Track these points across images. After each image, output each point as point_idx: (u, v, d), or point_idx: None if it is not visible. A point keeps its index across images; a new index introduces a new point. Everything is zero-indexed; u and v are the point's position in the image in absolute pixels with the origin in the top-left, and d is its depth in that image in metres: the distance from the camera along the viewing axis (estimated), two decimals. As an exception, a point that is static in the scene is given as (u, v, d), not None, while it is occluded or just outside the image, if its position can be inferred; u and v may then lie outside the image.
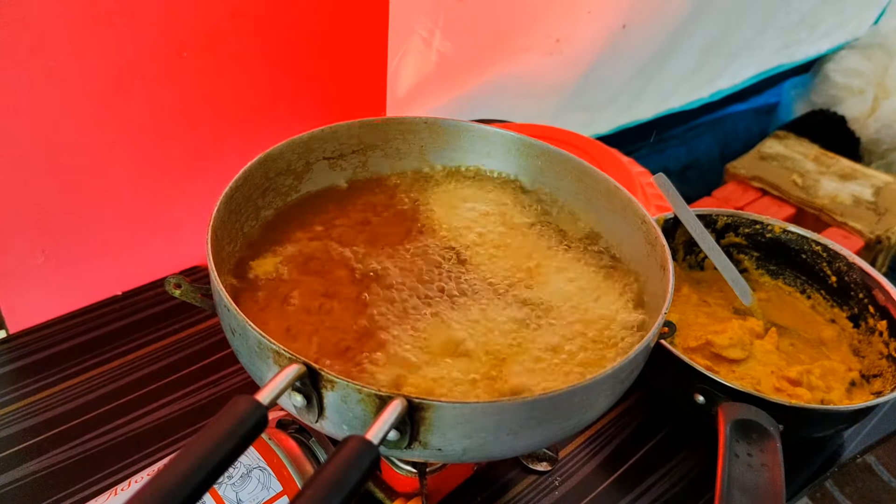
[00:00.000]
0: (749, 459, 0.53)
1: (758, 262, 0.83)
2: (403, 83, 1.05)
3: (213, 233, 0.48)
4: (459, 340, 0.50)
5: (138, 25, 0.67)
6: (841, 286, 0.78)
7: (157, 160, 0.76)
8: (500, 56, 1.17)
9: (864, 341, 0.74)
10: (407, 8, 0.96)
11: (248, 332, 0.42)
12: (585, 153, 0.87)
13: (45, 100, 0.65)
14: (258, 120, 0.81)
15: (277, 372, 0.38)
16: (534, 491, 0.63)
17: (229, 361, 0.72)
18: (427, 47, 1.04)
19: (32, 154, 0.67)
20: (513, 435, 0.42)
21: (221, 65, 0.75)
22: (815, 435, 0.68)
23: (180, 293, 0.49)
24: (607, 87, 1.35)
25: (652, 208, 0.88)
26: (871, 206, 1.04)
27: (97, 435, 0.64)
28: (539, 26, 1.18)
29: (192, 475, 0.31)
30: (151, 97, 0.71)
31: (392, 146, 0.65)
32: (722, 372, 0.70)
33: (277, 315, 0.51)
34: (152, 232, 0.80)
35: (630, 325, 0.53)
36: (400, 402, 0.38)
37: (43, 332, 0.75)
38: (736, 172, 1.12)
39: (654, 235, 0.55)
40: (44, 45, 0.62)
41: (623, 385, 0.47)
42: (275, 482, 0.52)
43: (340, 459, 0.33)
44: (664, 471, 0.66)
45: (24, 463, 0.62)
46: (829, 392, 0.69)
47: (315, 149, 0.61)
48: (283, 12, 0.76)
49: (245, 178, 0.55)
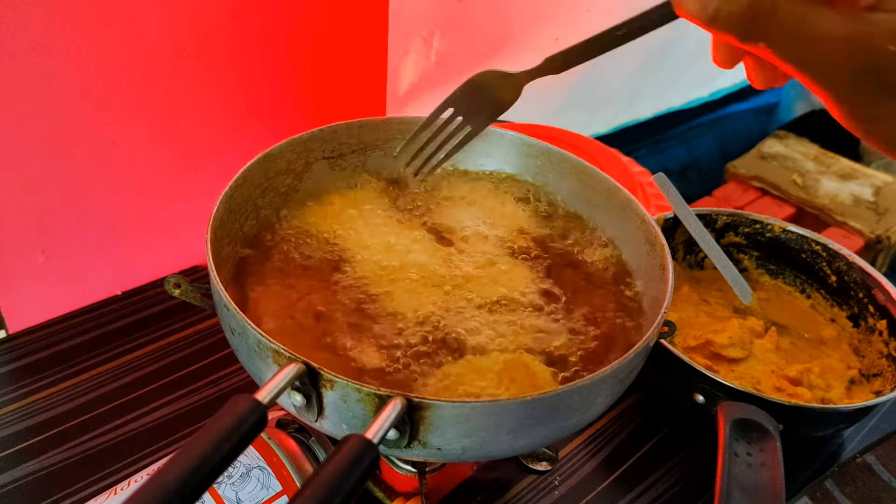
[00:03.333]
0: (749, 459, 0.53)
1: (758, 261, 0.83)
2: (403, 83, 1.05)
3: (212, 233, 0.48)
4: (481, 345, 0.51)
5: (138, 25, 0.67)
6: (841, 286, 0.78)
7: (156, 160, 0.76)
8: (500, 56, 1.17)
9: (864, 341, 0.74)
10: (407, 8, 0.96)
11: (248, 331, 0.42)
12: (585, 153, 0.87)
13: (46, 100, 0.65)
14: (258, 120, 0.81)
15: (277, 371, 0.38)
16: (533, 490, 0.63)
17: (229, 361, 0.72)
18: (427, 47, 1.04)
19: (32, 154, 0.67)
20: (512, 434, 0.42)
21: (221, 65, 0.75)
22: (815, 434, 0.68)
23: (180, 293, 0.49)
24: (607, 86, 1.35)
25: (652, 208, 0.88)
26: (871, 206, 1.04)
27: (97, 435, 0.64)
28: (539, 26, 1.18)
29: (191, 474, 0.31)
30: (151, 97, 0.71)
31: (392, 146, 0.65)
32: (722, 371, 0.70)
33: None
34: (152, 232, 0.80)
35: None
36: (399, 402, 0.38)
37: (43, 332, 0.75)
38: (736, 172, 1.12)
39: (653, 235, 0.55)
40: (44, 44, 0.62)
41: (623, 384, 0.47)
42: (274, 482, 0.52)
43: (340, 459, 0.33)
44: (664, 470, 0.66)
45: (24, 463, 0.62)
46: (829, 391, 0.69)
47: (315, 148, 0.61)
48: (283, 12, 0.76)
49: (245, 178, 0.55)
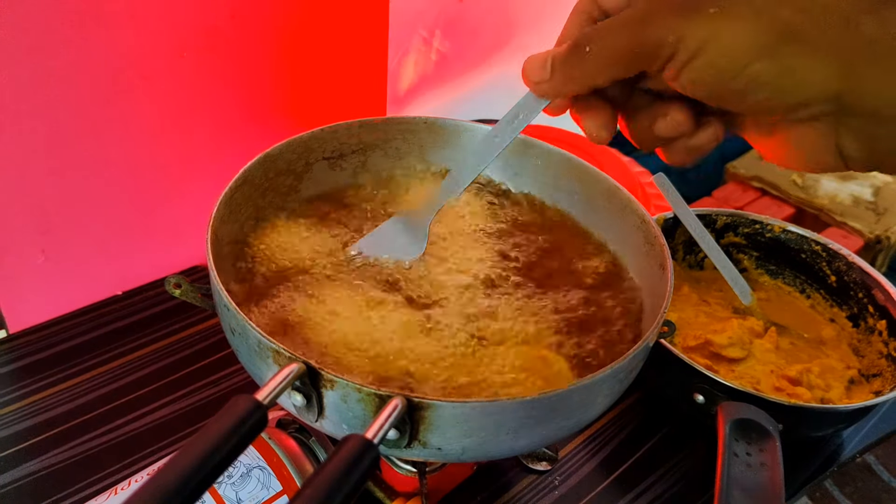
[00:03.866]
0: (748, 459, 0.53)
1: (757, 261, 0.83)
2: (403, 83, 1.05)
3: (212, 233, 0.48)
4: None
5: (138, 25, 0.67)
6: (840, 286, 0.78)
7: (156, 160, 0.76)
8: (501, 56, 1.17)
9: (864, 341, 0.75)
10: (407, 7, 0.96)
11: (248, 331, 0.42)
12: (585, 153, 0.87)
13: (45, 99, 0.65)
14: (258, 120, 0.81)
15: (277, 371, 0.38)
16: (533, 490, 0.63)
17: (229, 361, 0.72)
18: (427, 47, 1.04)
19: (32, 154, 0.67)
20: (512, 434, 0.42)
21: (221, 65, 0.75)
22: (815, 434, 0.68)
23: (180, 293, 0.49)
24: (607, 86, 1.35)
25: (652, 208, 0.88)
26: (871, 206, 1.04)
27: (97, 435, 0.65)
28: (539, 25, 1.18)
29: (191, 474, 0.31)
30: (151, 97, 0.71)
31: (392, 146, 0.65)
32: (721, 371, 0.70)
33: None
34: (152, 232, 0.80)
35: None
36: (399, 402, 0.38)
37: (43, 332, 0.75)
38: (736, 172, 1.12)
39: (653, 235, 0.55)
40: (44, 44, 0.62)
41: (622, 384, 0.47)
42: (274, 482, 0.52)
43: (340, 459, 0.33)
44: (664, 470, 0.66)
45: (24, 463, 0.62)
46: (829, 391, 0.69)
47: (315, 149, 0.61)
48: (283, 12, 0.76)
49: (245, 178, 0.55)
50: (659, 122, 0.42)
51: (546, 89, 0.44)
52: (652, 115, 0.43)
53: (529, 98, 0.47)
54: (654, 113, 0.43)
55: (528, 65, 0.44)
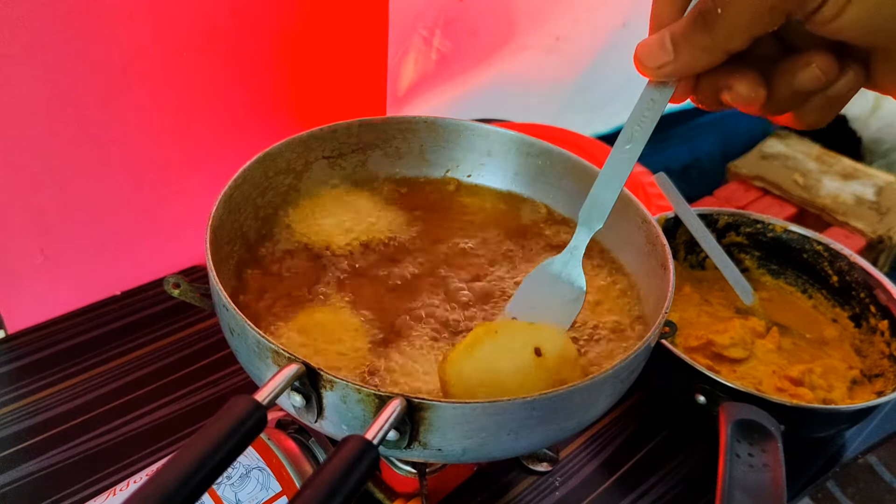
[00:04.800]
0: (750, 460, 0.53)
1: (759, 261, 0.83)
2: (403, 82, 1.05)
3: (211, 232, 0.48)
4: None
5: (138, 25, 0.67)
6: (842, 286, 0.78)
7: (156, 160, 0.75)
8: (500, 55, 1.16)
9: (866, 341, 0.74)
10: (407, 7, 0.96)
11: (247, 331, 0.41)
12: (586, 153, 0.87)
13: (44, 99, 0.65)
14: (257, 119, 0.81)
15: (276, 372, 0.38)
16: (534, 491, 0.63)
17: (229, 361, 0.72)
18: (427, 46, 1.04)
19: (31, 154, 0.67)
20: (513, 435, 0.41)
21: (221, 64, 0.74)
22: (817, 435, 0.68)
23: (179, 293, 0.48)
24: (608, 85, 1.34)
25: (653, 208, 0.88)
26: (873, 206, 1.04)
27: (96, 435, 0.64)
28: (539, 24, 1.18)
29: (190, 475, 0.31)
30: (150, 97, 0.71)
31: (392, 145, 0.65)
32: (723, 372, 0.70)
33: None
34: (151, 232, 0.79)
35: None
36: (399, 402, 0.38)
37: (42, 332, 0.74)
38: (737, 172, 1.12)
39: (654, 235, 0.54)
40: (42, 44, 0.62)
41: (624, 385, 0.47)
42: (274, 482, 0.52)
43: (340, 460, 0.33)
44: (665, 471, 0.66)
45: (23, 463, 0.61)
46: (831, 392, 0.68)
47: (314, 148, 0.61)
48: (284, 11, 0.76)
49: (244, 178, 0.55)
50: (801, 75, 0.38)
51: (671, 70, 0.39)
52: (791, 69, 0.39)
53: (649, 92, 0.43)
54: (794, 67, 0.39)
55: (641, 51, 0.40)
